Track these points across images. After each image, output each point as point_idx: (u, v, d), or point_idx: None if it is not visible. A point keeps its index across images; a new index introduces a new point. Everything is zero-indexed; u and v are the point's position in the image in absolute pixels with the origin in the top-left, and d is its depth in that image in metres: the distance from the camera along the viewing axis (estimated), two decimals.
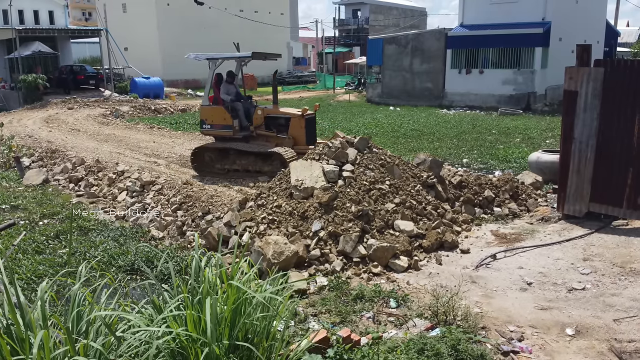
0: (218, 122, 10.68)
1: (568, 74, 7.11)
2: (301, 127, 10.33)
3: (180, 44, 40.84)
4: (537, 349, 4.17)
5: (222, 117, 10.60)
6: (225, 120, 10.57)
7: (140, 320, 2.91)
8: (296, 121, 10.36)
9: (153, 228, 7.80)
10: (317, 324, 4.57)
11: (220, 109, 10.68)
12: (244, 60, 11.14)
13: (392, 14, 61.85)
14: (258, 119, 10.69)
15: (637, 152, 6.64)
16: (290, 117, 10.47)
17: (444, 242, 6.54)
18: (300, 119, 10.34)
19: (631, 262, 5.77)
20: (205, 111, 10.97)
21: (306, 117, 10.34)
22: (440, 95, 26.70)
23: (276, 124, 10.67)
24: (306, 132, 10.33)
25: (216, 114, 10.71)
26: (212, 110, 10.82)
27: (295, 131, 10.34)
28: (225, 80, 11.16)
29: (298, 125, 10.34)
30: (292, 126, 10.38)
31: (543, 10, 23.83)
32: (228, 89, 11.10)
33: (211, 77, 10.86)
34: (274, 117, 10.72)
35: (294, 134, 10.34)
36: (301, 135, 10.30)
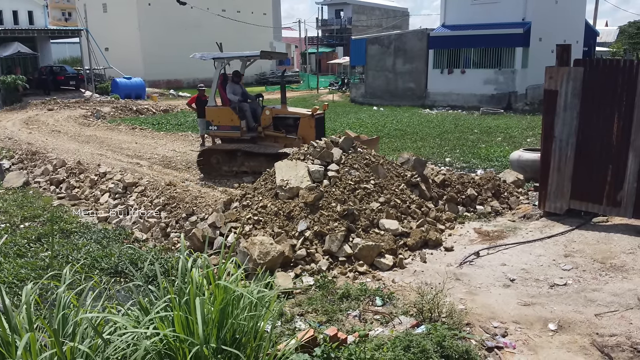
0: (225, 123, 10.43)
1: (548, 74, 7.23)
2: (311, 127, 10.05)
3: (161, 44, 40.55)
4: (520, 344, 4.23)
5: (230, 118, 10.37)
6: (233, 121, 10.34)
7: (127, 322, 2.89)
8: (306, 121, 10.10)
9: (136, 230, 7.74)
10: (304, 323, 4.59)
11: (227, 109, 10.43)
12: (251, 59, 10.89)
13: (375, 14, 62.13)
14: (266, 119, 10.43)
15: (616, 150, 6.77)
16: (299, 117, 10.21)
17: (428, 240, 6.61)
18: (310, 119, 10.08)
19: (611, 257, 5.89)
20: (211, 112, 10.69)
21: (316, 117, 10.11)
22: (423, 95, 26.91)
23: (285, 124, 10.40)
24: (316, 132, 10.04)
25: (223, 114, 10.46)
26: (218, 111, 10.58)
27: (305, 131, 10.05)
28: (232, 80, 10.92)
29: (307, 125, 10.07)
30: (302, 126, 10.11)
31: (523, 11, 24.15)
32: (234, 89, 10.83)
33: (217, 77, 10.61)
34: (283, 117, 10.46)
35: (304, 134, 10.04)
36: (311, 135, 9.96)
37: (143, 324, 2.74)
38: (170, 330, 2.74)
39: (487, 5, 24.94)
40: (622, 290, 5.07)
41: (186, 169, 11.13)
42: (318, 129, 10.19)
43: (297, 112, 10.54)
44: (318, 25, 60.64)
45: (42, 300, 4.35)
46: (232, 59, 10.95)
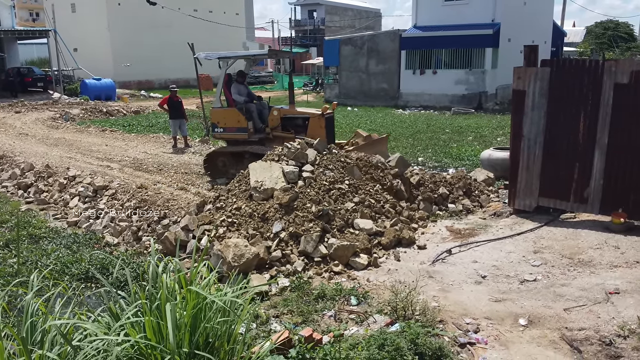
0: (231, 125, 10.12)
1: (516, 74, 7.38)
2: (321, 127, 9.81)
3: (132, 44, 39.91)
4: (492, 339, 4.31)
5: (236, 119, 10.08)
6: (240, 123, 10.06)
7: (97, 329, 2.84)
8: (315, 121, 9.86)
9: (107, 234, 7.60)
10: (279, 325, 4.58)
11: (234, 110, 10.15)
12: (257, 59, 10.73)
13: (348, 15, 62.43)
14: (274, 119, 10.17)
15: (582, 148, 6.95)
16: (309, 117, 9.99)
17: (402, 239, 6.67)
18: (320, 119, 9.84)
19: (579, 253, 6.05)
20: (217, 114, 10.38)
21: (326, 117, 9.90)
22: (396, 96, 27.15)
23: (294, 125, 10.16)
24: (326, 132, 9.84)
25: (229, 116, 10.17)
26: (224, 112, 10.27)
27: (315, 131, 9.77)
28: (236, 81, 10.67)
29: (317, 125, 9.82)
30: (311, 126, 9.85)
31: (492, 12, 24.59)
32: (239, 89, 10.59)
33: (223, 78, 10.32)
34: (292, 117, 10.22)
35: (314, 134, 9.70)
36: (321, 135, 9.67)
37: (113, 330, 2.70)
38: (142, 336, 2.71)
39: (457, 7, 25.33)
40: (589, 284, 5.19)
41: (158, 171, 10.97)
42: (328, 128, 9.98)
43: (306, 112, 10.32)
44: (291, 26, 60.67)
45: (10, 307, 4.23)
46: (238, 59, 10.62)
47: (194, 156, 12.61)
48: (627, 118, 6.55)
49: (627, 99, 6.52)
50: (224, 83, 10.41)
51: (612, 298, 4.85)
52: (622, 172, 6.68)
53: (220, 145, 11.71)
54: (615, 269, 5.58)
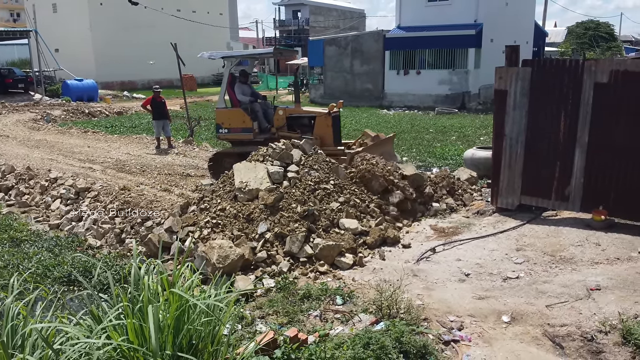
0: (236, 125, 9.98)
1: (498, 74, 7.45)
2: (328, 126, 9.65)
3: (114, 45, 39.51)
4: (476, 336, 4.34)
5: (241, 119, 9.94)
6: (245, 123, 9.91)
7: (78, 332, 2.81)
8: (322, 120, 9.68)
9: (90, 236, 7.52)
10: (265, 326, 4.57)
11: (239, 111, 10.01)
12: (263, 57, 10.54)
13: (332, 15, 62.51)
14: (280, 119, 10.01)
15: (563, 147, 7.04)
16: (315, 116, 9.83)
17: (387, 238, 6.70)
18: (327, 117, 9.66)
19: (561, 250, 6.13)
20: (221, 114, 10.22)
21: (333, 115, 9.74)
22: (380, 96, 27.26)
23: (300, 124, 10.02)
24: (333, 131, 9.70)
25: (234, 116, 10.03)
26: (229, 113, 10.12)
27: (322, 130, 9.63)
28: (239, 80, 10.52)
29: (324, 124, 9.65)
30: (318, 125, 9.68)
31: (475, 12, 24.82)
32: (243, 89, 10.44)
33: (226, 77, 10.17)
34: (297, 117, 10.07)
35: (321, 133, 9.61)
36: (328, 134, 9.60)
37: (95, 334, 2.67)
38: (124, 339, 2.68)
39: (440, 7, 25.51)
40: (571, 281, 5.25)
41: (141, 172, 10.87)
42: (335, 127, 9.84)
43: (312, 111, 10.21)
44: (275, 26, 60.54)
45: None
46: (243, 58, 10.46)
47: (178, 157, 12.52)
48: (607, 117, 6.65)
49: (606, 98, 6.62)
50: (228, 83, 10.28)
51: (593, 294, 4.91)
52: (603, 170, 6.78)
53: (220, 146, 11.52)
54: (597, 265, 5.66)
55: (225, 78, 10.25)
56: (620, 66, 6.55)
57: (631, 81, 6.43)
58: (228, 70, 10.21)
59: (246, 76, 10.73)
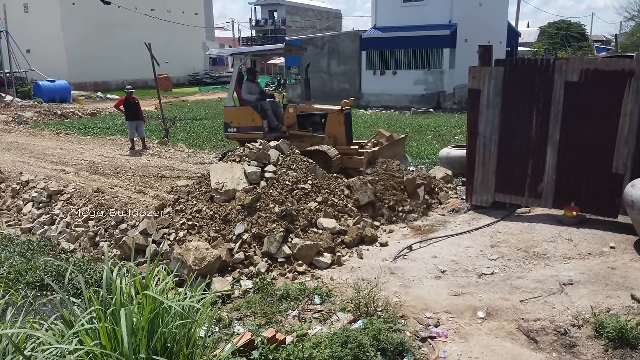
0: (246, 125, 9.77)
1: (472, 74, 7.54)
2: (340, 124, 9.52)
3: (87, 45, 38.85)
4: (452, 333, 4.39)
5: (251, 118, 9.72)
6: (255, 122, 9.70)
7: (50, 338, 2.74)
8: (335, 117, 9.54)
9: (63, 240, 7.38)
10: (243, 327, 4.54)
11: (248, 109, 9.80)
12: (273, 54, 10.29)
13: (309, 15, 62.51)
14: (290, 118, 9.84)
15: (536, 145, 7.17)
16: (327, 114, 9.70)
17: (365, 237, 6.73)
18: (339, 115, 9.51)
19: (534, 246, 6.23)
20: (230, 113, 9.97)
21: (345, 113, 9.61)
22: (358, 96, 27.33)
23: (311, 122, 9.85)
24: (346, 130, 9.58)
25: (243, 115, 9.80)
26: (238, 112, 9.91)
27: (334, 128, 9.50)
28: (248, 79, 10.30)
29: (337, 122, 9.53)
30: (330, 123, 9.55)
31: (450, 13, 25.10)
32: (250, 88, 10.23)
33: (235, 76, 9.95)
34: (309, 114, 9.89)
35: (333, 131, 9.49)
36: (341, 132, 9.48)
37: (67, 339, 2.61)
38: (96, 343, 2.63)
39: (415, 8, 25.73)
40: (545, 277, 5.35)
41: (115, 174, 10.68)
42: (347, 125, 9.73)
43: (324, 109, 10.05)
44: (252, 26, 60.28)
45: None
46: (254, 55, 10.14)
47: (153, 158, 12.35)
48: (578, 115, 6.79)
49: (577, 97, 6.76)
50: (237, 81, 10.08)
51: (566, 289, 5.01)
52: (574, 167, 6.93)
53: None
54: (569, 261, 5.77)
55: (235, 76, 10.05)
56: (591, 65, 6.70)
57: (601, 80, 6.57)
58: (237, 68, 9.99)
59: (254, 74, 10.54)
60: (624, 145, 6.52)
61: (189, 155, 12.78)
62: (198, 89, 41.81)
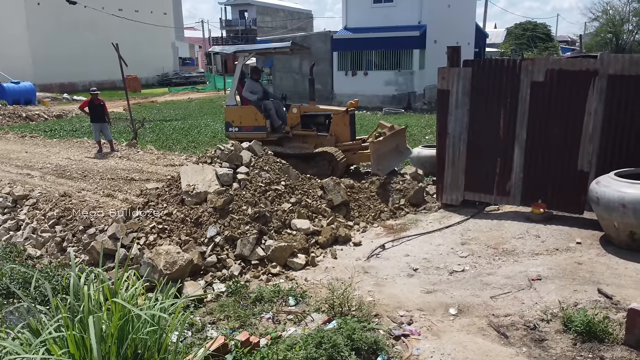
0: (248, 124, 9.59)
1: (440, 74, 7.65)
2: (345, 125, 9.52)
3: (53, 45, 37.87)
4: (425, 330, 4.44)
5: (253, 117, 9.56)
6: (257, 121, 9.54)
7: (17, 347, 2.66)
8: (339, 118, 9.54)
9: (29, 246, 7.17)
10: (216, 331, 4.49)
11: (251, 108, 9.61)
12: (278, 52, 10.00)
13: (279, 15, 62.31)
14: (293, 117, 9.75)
15: (503, 144, 7.31)
16: (331, 114, 9.65)
17: (338, 237, 6.75)
18: (344, 116, 9.51)
19: (503, 243, 6.36)
20: (231, 112, 9.76)
21: (350, 114, 9.60)
22: (330, 97, 27.40)
23: (315, 122, 9.76)
24: (350, 130, 9.58)
25: (245, 114, 9.62)
26: (240, 110, 9.70)
27: (339, 129, 9.48)
28: (251, 77, 10.09)
29: (342, 122, 9.52)
30: (335, 123, 9.53)
31: (419, 15, 25.38)
32: (253, 87, 10.04)
33: (238, 74, 9.73)
34: (313, 115, 9.80)
35: (337, 131, 9.45)
36: (345, 133, 9.49)
37: (34, 347, 2.54)
38: (64, 351, 2.57)
39: (385, 9, 25.93)
40: (513, 272, 5.46)
41: (82, 177, 10.43)
42: (352, 126, 9.70)
43: (328, 109, 10.01)
44: (222, 26, 59.75)
45: None
46: (258, 52, 9.98)
47: (121, 161, 12.11)
48: (544, 114, 6.95)
49: (543, 96, 6.92)
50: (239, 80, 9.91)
51: (534, 284, 5.12)
52: (540, 165, 7.09)
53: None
54: (537, 256, 5.91)
55: (237, 74, 9.87)
56: (555, 65, 6.87)
57: (566, 80, 6.75)
58: (240, 65, 9.81)
59: (258, 73, 10.40)
60: (589, 143, 6.71)
61: (158, 157, 12.56)
62: (167, 89, 41.21)
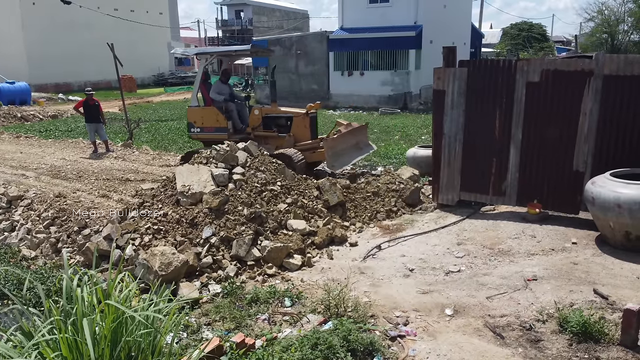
0: (210, 125, 9.72)
1: (436, 75, 7.65)
2: (305, 127, 9.64)
3: (48, 45, 37.74)
4: (421, 331, 4.42)
5: (215, 118, 9.68)
6: (219, 122, 9.67)
7: (9, 349, 2.64)
8: (300, 120, 9.67)
9: (24, 247, 7.14)
10: (211, 332, 4.47)
11: (212, 109, 9.72)
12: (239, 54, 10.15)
13: (275, 15, 62.30)
14: (255, 119, 9.87)
15: (499, 144, 7.32)
16: (292, 116, 9.74)
17: (335, 237, 6.74)
18: (305, 118, 9.63)
19: (499, 243, 6.36)
20: (193, 113, 9.88)
21: (310, 116, 9.68)
22: (326, 97, 27.41)
23: (276, 124, 9.88)
24: (311, 132, 9.68)
25: (207, 115, 9.74)
26: (202, 111, 9.81)
27: (299, 131, 9.60)
28: (220, 80, 10.21)
29: (302, 125, 9.65)
30: (295, 125, 9.65)
31: (415, 15, 25.41)
32: (221, 89, 10.13)
33: (200, 75, 9.83)
34: (274, 116, 9.92)
35: (298, 133, 9.57)
36: (305, 134, 9.61)
37: (26, 350, 2.51)
38: (57, 354, 2.54)
39: (381, 9, 25.96)
40: (509, 273, 5.45)
41: (77, 178, 10.39)
42: (312, 127, 9.80)
43: (289, 111, 10.10)
44: (218, 26, 59.70)
45: None
46: (219, 55, 10.12)
47: (116, 161, 12.07)
48: (539, 114, 6.96)
49: (538, 96, 6.93)
50: (202, 81, 10.00)
51: (530, 285, 5.11)
52: (536, 165, 7.10)
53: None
54: (533, 257, 5.90)
55: (199, 75, 9.98)
56: (551, 65, 6.88)
57: (561, 80, 6.76)
58: (202, 67, 9.93)
59: (227, 75, 10.52)
60: (584, 143, 6.73)
61: (153, 157, 12.53)
62: (163, 89, 41.11)
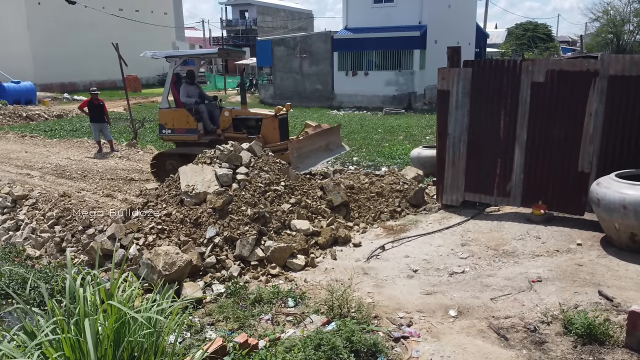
0: (180, 126, 9.84)
1: (440, 75, 7.62)
2: (275, 129, 9.69)
3: (53, 45, 37.89)
4: (424, 332, 4.41)
5: (185, 120, 9.78)
6: (189, 124, 9.77)
7: (12, 349, 2.64)
8: (269, 122, 9.71)
9: (28, 246, 7.16)
10: (215, 332, 4.47)
11: (183, 111, 9.83)
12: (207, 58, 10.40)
13: (280, 15, 62.32)
14: (225, 120, 9.95)
15: (503, 144, 7.29)
16: (262, 118, 9.82)
17: (338, 238, 6.73)
18: (274, 120, 9.68)
19: (503, 244, 6.33)
20: (164, 114, 10.00)
21: (280, 118, 9.76)
22: (330, 97, 27.41)
23: (246, 126, 9.97)
24: (280, 134, 9.74)
25: (177, 117, 9.84)
26: (172, 113, 9.92)
27: (268, 132, 9.66)
28: (185, 81, 10.30)
29: (271, 127, 9.71)
30: (265, 127, 9.71)
31: (419, 15, 25.36)
32: (189, 90, 10.22)
33: (170, 77, 9.94)
34: (244, 118, 10.02)
35: (267, 135, 9.63)
36: (274, 136, 9.66)
37: (29, 350, 2.51)
38: (60, 354, 2.54)
39: (385, 9, 25.92)
40: (514, 274, 5.43)
41: (82, 177, 10.43)
42: (282, 130, 9.87)
43: (259, 113, 10.18)
44: (223, 26, 59.79)
45: None
46: (187, 58, 10.22)
47: (121, 161, 12.10)
48: (544, 115, 6.93)
49: (543, 97, 6.90)
50: (172, 83, 10.12)
51: (535, 286, 5.09)
52: (541, 166, 7.07)
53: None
54: (537, 258, 5.88)
55: (169, 78, 10.12)
56: (556, 66, 6.84)
57: (566, 80, 6.72)
58: (172, 70, 10.07)
59: (193, 77, 10.60)
60: (589, 144, 6.69)
61: None
62: None
